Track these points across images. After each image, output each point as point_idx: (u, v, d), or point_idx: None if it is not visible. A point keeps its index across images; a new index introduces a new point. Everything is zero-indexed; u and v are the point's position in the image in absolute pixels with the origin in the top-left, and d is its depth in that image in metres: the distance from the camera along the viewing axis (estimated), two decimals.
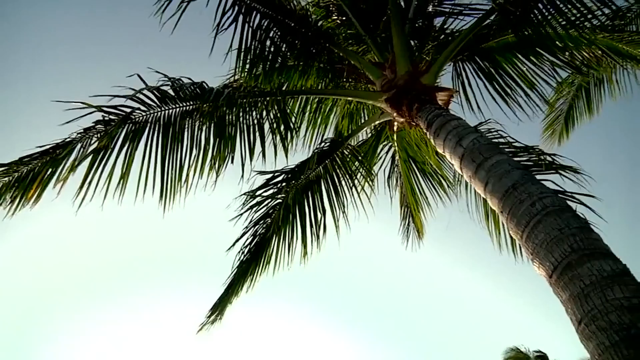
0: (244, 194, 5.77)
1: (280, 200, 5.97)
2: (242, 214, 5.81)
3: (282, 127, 5.70)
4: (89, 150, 4.56)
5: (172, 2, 5.27)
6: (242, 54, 5.52)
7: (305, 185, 6.04)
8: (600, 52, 5.75)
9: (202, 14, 5.41)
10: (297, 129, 6.55)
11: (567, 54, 5.83)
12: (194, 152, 5.12)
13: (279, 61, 5.93)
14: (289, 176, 6.01)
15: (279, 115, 5.72)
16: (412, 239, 7.98)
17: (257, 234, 5.93)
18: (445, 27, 6.52)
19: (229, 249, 5.78)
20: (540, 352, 19.16)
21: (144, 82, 4.89)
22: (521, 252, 5.86)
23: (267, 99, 5.59)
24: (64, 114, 4.44)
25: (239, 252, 5.82)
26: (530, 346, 19.00)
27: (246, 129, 5.48)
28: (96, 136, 4.60)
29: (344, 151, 6.38)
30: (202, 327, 5.90)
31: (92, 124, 4.59)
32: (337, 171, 6.22)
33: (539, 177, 3.65)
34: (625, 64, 6.13)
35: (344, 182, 6.20)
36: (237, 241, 5.81)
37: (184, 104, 5.12)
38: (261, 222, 5.96)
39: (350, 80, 6.68)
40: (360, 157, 6.61)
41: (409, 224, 7.87)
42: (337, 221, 6.06)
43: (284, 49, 5.95)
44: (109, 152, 4.65)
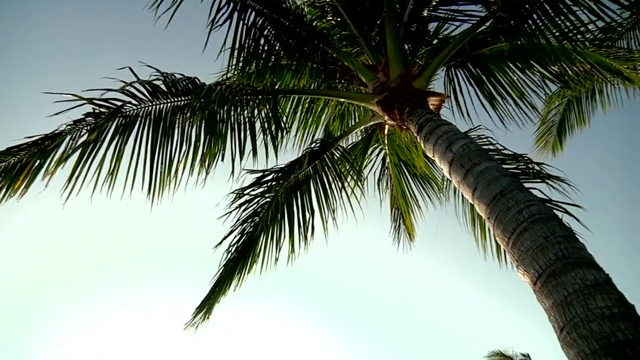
0: (233, 192, 5.77)
1: (269, 199, 5.97)
2: (230, 212, 5.81)
3: (273, 126, 5.70)
4: (79, 142, 4.52)
5: None
6: (236, 51, 5.51)
7: (294, 185, 6.04)
8: (589, 66, 5.81)
9: (197, 9, 5.41)
10: (288, 129, 6.56)
11: (557, 66, 5.89)
12: (184, 147, 5.11)
13: (272, 60, 5.92)
14: (279, 175, 6.01)
15: (270, 114, 5.71)
16: (403, 241, 8.02)
17: (245, 232, 5.92)
18: (439, 32, 6.57)
19: (216, 246, 5.77)
20: (524, 355, 19.29)
21: (136, 75, 4.87)
22: (506, 258, 5.92)
23: (259, 97, 5.58)
24: (53, 105, 4.42)
25: (227, 250, 5.81)
26: (515, 349, 19.11)
27: (237, 126, 5.47)
28: (86, 129, 4.57)
29: (334, 152, 6.39)
30: (189, 325, 5.88)
31: (82, 116, 4.56)
32: (327, 172, 6.22)
33: (526, 185, 3.68)
34: (612, 79, 6.21)
35: (333, 184, 6.21)
36: (224, 239, 5.80)
37: (176, 99, 5.10)
38: (249, 220, 5.95)
39: (342, 81, 6.69)
40: (350, 159, 6.62)
41: (399, 226, 7.91)
42: (326, 222, 6.07)
43: (277, 48, 5.94)
44: (98, 145, 4.62)
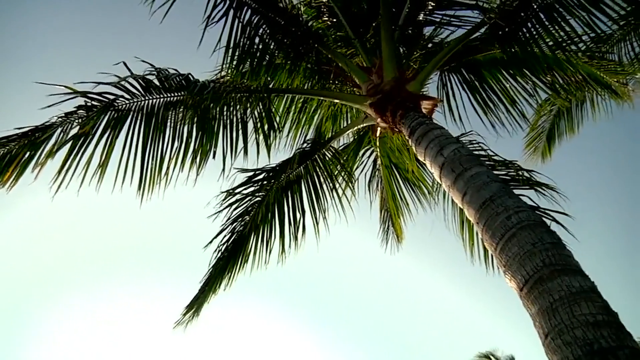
0: (224, 192, 5.76)
1: (259, 198, 5.97)
2: (221, 211, 5.80)
3: (265, 126, 5.70)
4: (69, 135, 4.49)
5: None
6: (231, 49, 5.50)
7: (285, 184, 6.04)
8: (580, 77, 5.88)
9: (192, 5, 5.39)
10: (280, 128, 6.56)
11: (549, 75, 5.94)
12: (176, 144, 5.09)
13: (267, 59, 5.93)
14: (270, 175, 6.01)
15: (263, 113, 5.71)
16: (391, 243, 8.04)
17: (235, 231, 5.91)
18: (434, 36, 6.60)
19: (207, 245, 5.75)
20: (510, 358, 19.44)
21: (130, 70, 4.85)
22: (493, 263, 5.96)
23: (253, 95, 5.58)
24: (45, 97, 4.38)
25: (217, 249, 5.80)
26: (503, 352, 19.24)
27: (229, 124, 5.46)
28: (77, 121, 4.54)
29: (326, 153, 6.39)
30: (179, 324, 5.86)
31: (74, 109, 4.53)
32: (318, 172, 6.22)
33: (516, 191, 3.71)
34: (602, 91, 6.28)
35: (324, 184, 6.21)
36: (214, 238, 5.79)
37: (169, 95, 5.09)
38: (239, 219, 5.94)
39: (336, 82, 6.70)
40: (341, 160, 6.63)
41: (388, 228, 7.92)
42: (317, 222, 6.08)
43: (272, 47, 5.94)
44: (89, 138, 4.60)
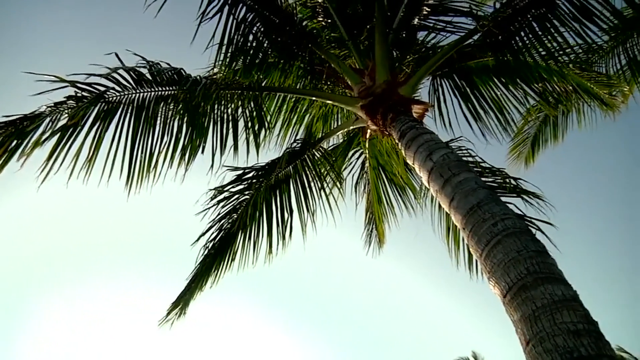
0: (213, 189, 5.74)
1: (248, 196, 5.96)
2: (209, 208, 5.78)
3: (256, 124, 5.69)
4: (58, 125, 4.46)
5: None
6: (224, 46, 5.48)
7: (274, 183, 6.03)
8: (571, 87, 5.95)
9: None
10: (271, 127, 6.56)
11: (539, 85, 6.00)
12: (165, 138, 5.08)
13: (260, 57, 5.90)
14: (259, 174, 6.00)
15: (254, 111, 5.71)
16: (374, 246, 8.06)
17: (223, 228, 5.89)
18: (427, 41, 6.63)
19: (194, 243, 5.73)
20: None
21: (122, 62, 4.83)
22: (477, 269, 6.01)
23: (245, 93, 5.57)
24: (34, 85, 4.34)
25: (204, 246, 5.78)
26: (484, 358, 19.32)
27: (220, 121, 5.46)
28: (66, 112, 4.50)
29: (315, 153, 6.40)
30: (165, 321, 5.82)
31: (64, 99, 4.50)
32: (307, 172, 6.23)
33: (503, 199, 3.75)
34: (591, 102, 6.36)
35: (312, 184, 6.22)
36: (202, 235, 5.77)
37: (160, 89, 5.07)
38: (227, 217, 5.93)
39: (328, 83, 6.71)
40: (331, 161, 6.64)
41: (372, 231, 7.95)
42: (305, 223, 6.08)
43: (266, 45, 5.92)
44: (78, 129, 4.56)
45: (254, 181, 6.01)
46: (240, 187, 5.96)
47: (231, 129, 5.49)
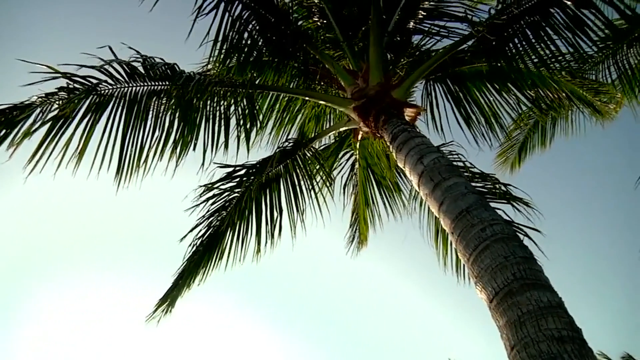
0: (203, 186, 5.73)
1: (237, 194, 5.94)
2: (198, 205, 5.76)
3: (248, 122, 5.69)
4: (49, 116, 4.43)
5: None
6: (219, 42, 5.46)
7: (264, 182, 6.02)
8: (564, 94, 6.01)
9: None
10: (263, 126, 6.55)
11: (532, 91, 6.05)
12: (157, 133, 5.06)
13: (254, 55, 5.90)
14: (250, 172, 5.99)
15: (247, 109, 5.70)
16: (356, 248, 8.04)
17: (212, 225, 5.87)
18: (422, 45, 6.65)
19: (182, 239, 5.71)
20: None
21: (115, 55, 4.81)
22: (464, 273, 6.04)
23: (238, 91, 5.56)
24: (25, 75, 4.31)
25: (192, 242, 5.76)
26: None
27: (212, 118, 5.45)
28: (57, 103, 4.47)
29: (306, 153, 6.40)
30: (151, 317, 5.79)
31: (55, 90, 4.47)
32: (297, 172, 6.22)
33: (492, 204, 3.77)
34: (583, 109, 6.42)
35: (303, 184, 6.22)
36: (190, 231, 5.75)
37: (153, 84, 5.05)
38: (217, 214, 5.91)
39: (322, 83, 6.71)
40: (322, 161, 6.64)
41: (356, 232, 7.93)
42: (294, 222, 6.08)
43: (260, 43, 5.92)
44: (69, 121, 4.53)
45: (244, 179, 5.99)
46: (230, 184, 5.95)
47: (223, 126, 5.47)
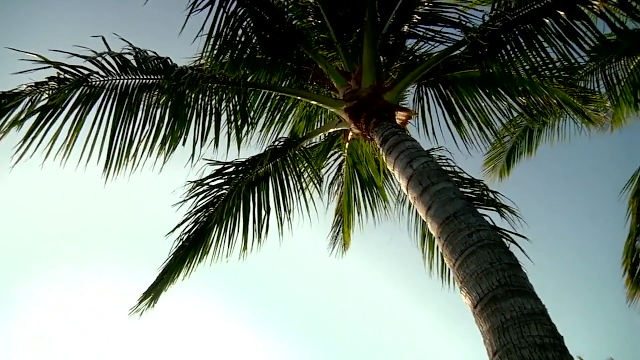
0: (191, 181, 5.71)
1: (226, 191, 5.93)
2: (186, 200, 5.74)
3: (239, 119, 5.68)
4: (38, 106, 4.39)
5: None
6: (212, 38, 5.44)
7: (253, 180, 6.01)
8: (555, 101, 6.07)
9: None
10: (254, 123, 6.54)
11: (524, 98, 6.10)
12: (147, 127, 5.05)
13: (248, 52, 5.88)
14: (239, 169, 5.98)
15: (238, 106, 5.69)
16: (338, 248, 8.03)
17: (199, 222, 5.85)
18: (415, 49, 6.68)
19: (169, 233, 5.68)
20: None
21: (107, 46, 4.79)
22: (449, 278, 6.08)
23: (230, 87, 5.55)
24: (14, 63, 4.27)
25: (178, 238, 5.73)
26: None
27: (203, 113, 5.44)
28: (47, 93, 4.44)
29: (296, 152, 6.40)
30: (135, 311, 5.75)
31: (46, 79, 4.43)
32: (287, 171, 6.22)
33: (479, 210, 3.80)
34: (574, 115, 6.49)
35: (291, 183, 6.22)
36: (177, 226, 5.72)
37: (145, 77, 5.03)
38: (204, 210, 5.89)
39: (314, 84, 6.71)
40: (311, 162, 6.64)
41: (338, 233, 7.93)
42: (281, 221, 6.07)
43: (254, 41, 5.91)
44: (58, 111, 4.50)
45: (233, 176, 5.98)
46: (219, 181, 5.93)
47: (213, 122, 5.47)
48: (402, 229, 6.52)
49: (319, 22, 6.68)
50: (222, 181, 5.92)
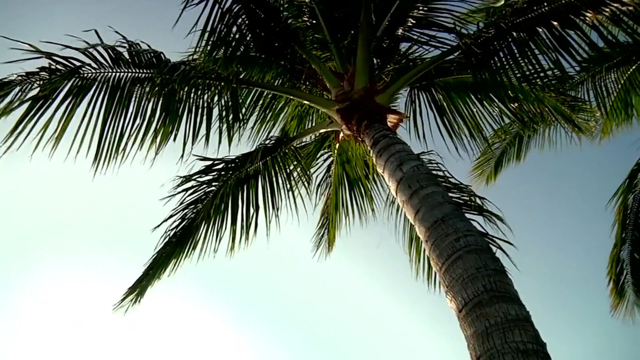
0: (181, 177, 5.68)
1: (215, 188, 5.91)
2: (174, 195, 5.71)
3: (230, 116, 5.66)
4: (28, 96, 4.35)
5: None
6: (207, 34, 5.42)
7: (243, 178, 6.00)
8: (546, 109, 6.12)
9: None
10: (245, 121, 6.52)
11: (515, 105, 6.13)
12: (138, 121, 5.02)
13: (242, 49, 5.87)
14: (229, 166, 5.96)
15: (230, 102, 5.67)
16: (324, 249, 8.00)
17: (186, 217, 5.83)
18: (409, 53, 6.70)
19: (156, 228, 5.66)
20: None
21: (100, 39, 4.76)
22: (435, 282, 6.11)
23: (222, 84, 5.53)
24: (6, 53, 4.24)
25: (165, 233, 5.71)
26: None
27: (194, 109, 5.41)
28: (38, 83, 4.40)
29: (286, 151, 6.40)
30: (119, 306, 5.71)
31: (37, 70, 4.40)
32: (277, 169, 6.22)
33: (467, 216, 3.82)
34: (564, 124, 6.55)
35: (281, 182, 6.21)
36: (164, 221, 5.70)
37: (137, 71, 5.00)
38: (192, 206, 5.87)
39: (307, 83, 6.69)
40: (301, 161, 6.64)
41: (323, 234, 7.91)
42: (269, 219, 6.07)
43: (248, 39, 5.89)
44: (48, 102, 4.46)
45: (222, 173, 5.96)
46: (208, 177, 5.91)
47: (205, 118, 5.45)
48: (390, 232, 6.54)
49: (314, 22, 6.69)
50: (211, 177, 5.91)
